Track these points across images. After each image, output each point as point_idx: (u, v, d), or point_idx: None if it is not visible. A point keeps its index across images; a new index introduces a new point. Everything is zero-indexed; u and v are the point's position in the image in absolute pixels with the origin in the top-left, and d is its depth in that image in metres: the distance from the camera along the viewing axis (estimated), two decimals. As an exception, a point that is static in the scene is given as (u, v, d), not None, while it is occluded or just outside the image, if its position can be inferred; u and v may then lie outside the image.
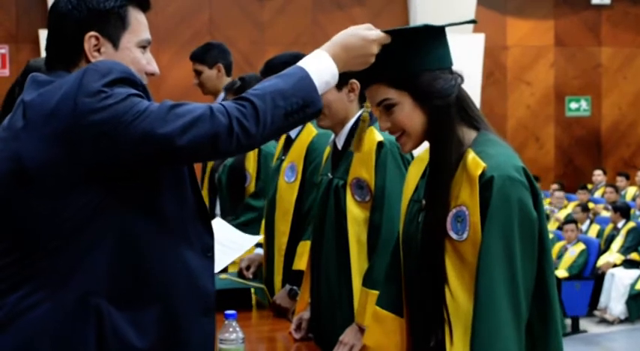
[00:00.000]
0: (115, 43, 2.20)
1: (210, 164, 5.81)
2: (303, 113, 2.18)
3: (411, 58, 2.42)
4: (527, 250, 2.31)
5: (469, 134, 2.45)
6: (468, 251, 2.33)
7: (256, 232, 4.80)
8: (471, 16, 12.62)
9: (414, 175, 2.66)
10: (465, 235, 2.33)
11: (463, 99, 2.46)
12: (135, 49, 2.24)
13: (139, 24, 2.26)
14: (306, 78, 2.20)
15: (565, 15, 15.07)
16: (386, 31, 2.40)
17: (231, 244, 2.47)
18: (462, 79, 2.47)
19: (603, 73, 15.41)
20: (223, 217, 4.97)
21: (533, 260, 2.34)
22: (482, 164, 2.33)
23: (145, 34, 2.28)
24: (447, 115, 2.42)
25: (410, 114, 2.43)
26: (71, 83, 2.04)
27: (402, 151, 2.54)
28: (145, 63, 2.27)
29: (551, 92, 15.13)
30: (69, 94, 2.02)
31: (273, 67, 4.22)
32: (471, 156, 2.37)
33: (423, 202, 2.52)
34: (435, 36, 2.45)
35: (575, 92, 15.24)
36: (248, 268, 4.51)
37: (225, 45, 6.12)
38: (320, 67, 2.25)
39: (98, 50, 2.18)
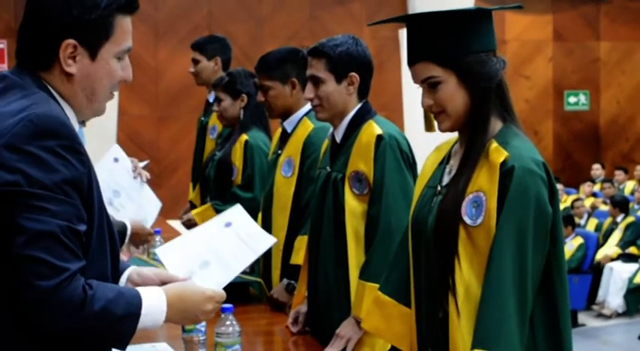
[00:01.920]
0: (93, 54, 2.07)
1: (205, 159, 5.83)
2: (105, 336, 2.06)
3: (462, 39, 2.44)
4: (538, 244, 2.34)
5: (495, 124, 2.47)
6: (480, 237, 2.35)
7: None
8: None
9: (431, 162, 2.68)
10: (479, 221, 2.35)
11: (503, 85, 2.49)
12: (112, 59, 2.11)
13: (122, 33, 2.12)
14: (132, 322, 2.06)
15: (564, 9, 15.05)
16: (439, 13, 2.43)
17: (248, 240, 2.44)
18: (505, 64, 2.49)
19: (602, 67, 15.40)
20: None
21: (543, 254, 2.36)
22: (505, 153, 2.36)
23: (127, 43, 2.14)
24: (488, 98, 2.45)
25: (453, 93, 2.44)
26: (6, 125, 1.93)
27: (439, 129, 2.53)
28: (120, 72, 2.15)
29: (549, 87, 15.12)
30: None
31: (268, 62, 4.22)
32: (494, 145, 2.40)
33: (438, 187, 2.54)
34: (485, 19, 2.48)
35: (574, 86, 15.23)
36: None
37: (229, 41, 6.16)
38: (151, 318, 2.11)
39: (73, 58, 2.06)
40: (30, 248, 1.88)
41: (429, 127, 2.61)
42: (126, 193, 3.95)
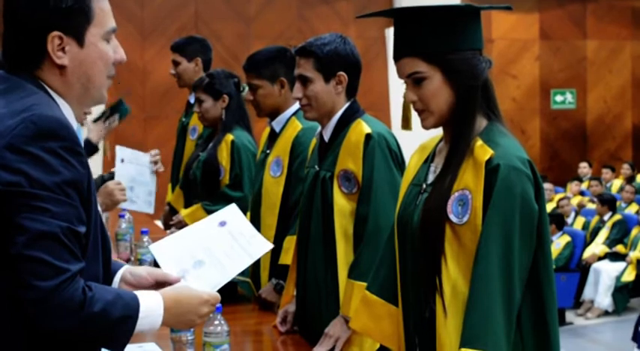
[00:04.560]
0: (80, 41, 2.06)
1: (184, 160, 5.82)
2: (101, 338, 2.06)
3: (450, 36, 2.43)
4: (525, 242, 2.34)
5: (480, 122, 2.47)
6: (466, 235, 2.35)
7: None
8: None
9: (416, 160, 2.68)
10: (465, 219, 2.35)
11: (489, 84, 2.49)
12: (101, 42, 2.10)
13: (103, 14, 2.11)
14: (130, 324, 2.07)
15: (550, 8, 15.09)
16: (427, 8, 2.42)
17: (241, 240, 2.44)
18: (491, 64, 2.48)
19: (588, 66, 15.45)
20: None
21: (530, 252, 2.36)
22: (490, 151, 2.36)
23: (110, 24, 2.13)
24: (474, 96, 2.44)
25: (438, 90, 2.44)
26: (7, 125, 1.92)
27: (422, 126, 2.52)
28: (112, 53, 2.14)
29: (536, 85, 15.16)
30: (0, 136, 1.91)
31: (257, 61, 4.21)
32: (479, 143, 2.39)
33: (424, 185, 2.53)
34: (473, 17, 2.48)
35: (561, 85, 15.28)
36: None
37: (208, 41, 6.16)
38: (148, 321, 2.11)
39: (62, 49, 2.05)
40: (30, 248, 1.88)
41: (405, 126, 2.62)
42: (137, 183, 4.02)
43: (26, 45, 2.06)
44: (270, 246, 2.49)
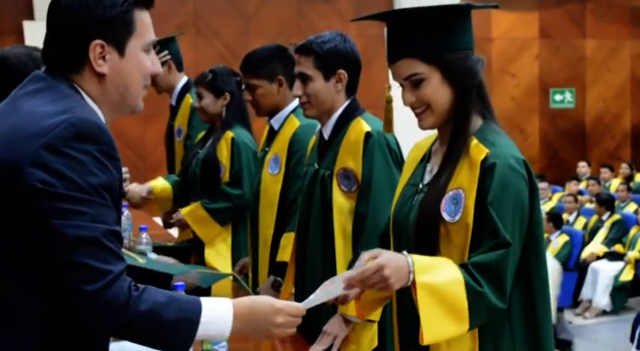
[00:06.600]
0: (121, 50, 2.11)
1: (179, 158, 5.78)
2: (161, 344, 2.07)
3: (445, 36, 2.44)
4: (515, 236, 2.34)
5: (475, 121, 2.48)
6: (457, 233, 2.36)
7: (227, 221, 4.85)
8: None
9: (412, 160, 2.69)
10: (457, 217, 2.37)
11: (482, 84, 2.50)
12: (140, 53, 2.14)
13: (144, 26, 2.16)
14: (189, 328, 2.07)
15: (550, 7, 15.09)
16: (421, 9, 2.42)
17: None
18: (484, 63, 2.50)
19: (588, 65, 15.45)
20: None
21: (519, 246, 2.37)
22: (486, 150, 2.37)
23: (150, 36, 2.18)
24: (470, 95, 2.46)
25: (437, 90, 2.45)
26: (46, 125, 1.94)
27: (420, 126, 2.52)
28: (150, 65, 2.18)
29: (535, 84, 15.16)
30: (38, 135, 1.92)
31: (255, 61, 4.20)
32: (474, 142, 2.41)
33: (420, 185, 2.54)
34: (466, 16, 2.48)
35: (560, 84, 15.28)
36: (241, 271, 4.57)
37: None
38: (215, 327, 2.11)
39: (103, 57, 2.09)
40: (74, 254, 1.90)
41: (388, 129, 2.64)
42: None
43: (68, 51, 2.09)
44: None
